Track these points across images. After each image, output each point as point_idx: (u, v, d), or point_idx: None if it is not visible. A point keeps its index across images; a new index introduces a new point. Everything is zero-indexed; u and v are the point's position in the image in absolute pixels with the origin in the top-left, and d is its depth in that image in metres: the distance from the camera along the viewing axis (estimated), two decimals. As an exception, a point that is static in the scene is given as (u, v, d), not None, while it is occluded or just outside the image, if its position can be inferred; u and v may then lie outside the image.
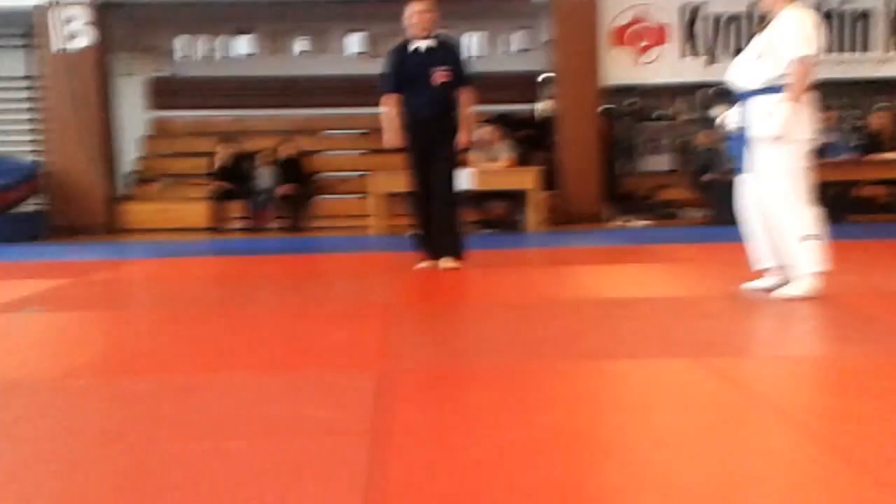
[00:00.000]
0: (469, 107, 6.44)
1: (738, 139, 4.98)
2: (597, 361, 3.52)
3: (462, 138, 6.40)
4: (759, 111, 4.79)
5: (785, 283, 4.90)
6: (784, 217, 4.81)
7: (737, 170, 5.10)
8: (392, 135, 6.42)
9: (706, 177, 11.77)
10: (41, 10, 11.29)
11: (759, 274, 5.08)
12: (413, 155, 6.45)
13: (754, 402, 2.90)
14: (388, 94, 6.46)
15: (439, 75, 6.30)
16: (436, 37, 6.43)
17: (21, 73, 13.07)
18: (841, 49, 11.88)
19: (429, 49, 6.37)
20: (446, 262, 6.41)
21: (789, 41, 4.68)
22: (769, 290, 4.95)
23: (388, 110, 6.44)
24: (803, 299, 4.71)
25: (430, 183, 6.41)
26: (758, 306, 4.75)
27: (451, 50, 6.49)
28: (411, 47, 6.41)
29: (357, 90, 7.38)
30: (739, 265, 6.00)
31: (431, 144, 6.36)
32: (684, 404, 2.92)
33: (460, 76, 6.39)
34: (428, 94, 6.32)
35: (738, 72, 4.97)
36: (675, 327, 4.24)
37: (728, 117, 5.12)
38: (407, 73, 6.37)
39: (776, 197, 4.81)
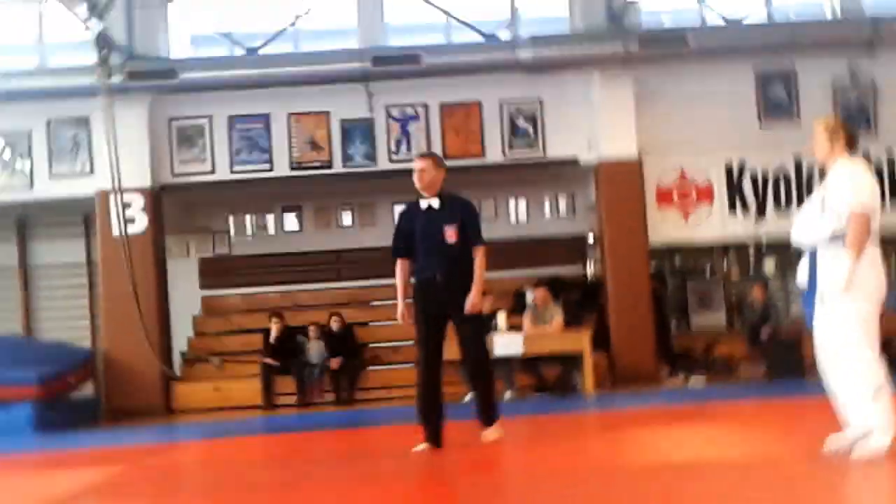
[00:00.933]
0: (481, 267, 5.99)
1: (809, 294, 4.86)
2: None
3: (471, 300, 5.88)
4: (824, 265, 4.72)
5: (861, 437, 4.66)
6: (854, 369, 4.63)
7: (809, 325, 4.94)
8: (404, 310, 6.03)
9: (762, 332, 11.58)
10: (100, 198, 11.68)
11: (835, 430, 4.84)
12: (423, 321, 5.99)
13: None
14: (396, 259, 6.14)
15: (448, 234, 5.94)
16: (445, 196, 6.09)
17: (80, 260, 13.44)
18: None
19: (437, 208, 6.04)
20: (489, 435, 5.98)
21: (843, 195, 4.66)
22: (848, 446, 4.70)
23: (398, 277, 6.12)
24: (881, 456, 4.47)
25: (460, 351, 6.04)
26: (836, 468, 4.51)
27: (459, 208, 6.11)
28: (423, 205, 6.11)
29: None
30: (803, 421, 5.79)
31: (445, 309, 5.93)
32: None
33: (472, 235, 6.02)
34: (437, 254, 5.94)
35: (801, 227, 4.92)
36: (763, 494, 4.00)
37: (799, 273, 5.01)
38: (414, 233, 6.03)
39: (845, 350, 4.66)
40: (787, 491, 4.10)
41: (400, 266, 6.13)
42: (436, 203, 6.05)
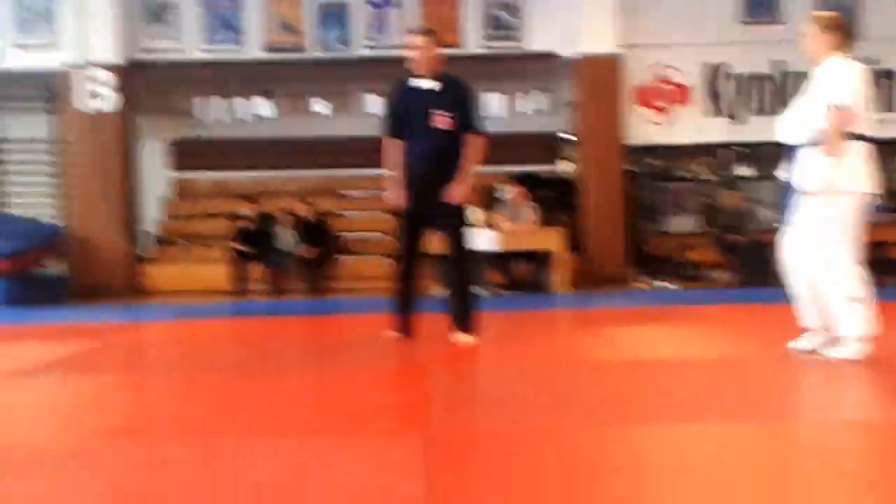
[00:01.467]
0: (472, 155, 5.59)
1: (787, 192, 4.82)
2: (651, 426, 3.33)
3: (455, 188, 5.54)
4: (805, 164, 4.66)
5: (829, 342, 4.70)
6: (830, 276, 4.62)
7: (782, 224, 4.92)
8: (394, 190, 5.68)
9: (733, 237, 11.64)
10: (64, 73, 11.37)
11: (802, 332, 4.88)
12: (409, 208, 5.65)
13: (824, 466, 2.73)
14: (386, 138, 5.74)
15: (439, 119, 5.55)
16: (442, 77, 5.67)
17: (43, 136, 13.13)
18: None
19: (431, 90, 5.63)
20: (461, 339, 5.59)
21: (827, 90, 4.57)
22: (813, 350, 4.76)
23: (387, 158, 5.72)
24: (852, 362, 4.51)
25: (444, 244, 5.71)
26: (805, 368, 4.56)
27: (457, 91, 5.65)
28: (412, 84, 5.70)
29: (378, 150, 7.24)
30: (775, 326, 5.84)
31: (432, 198, 5.57)
32: (752, 470, 2.73)
33: (466, 121, 5.60)
34: (428, 140, 5.56)
35: (787, 124, 4.84)
36: (726, 390, 4.06)
37: (779, 170, 4.95)
38: (405, 114, 5.64)
39: (822, 254, 4.64)
40: (756, 384, 4.14)
41: (392, 145, 5.71)
42: (433, 84, 5.62)
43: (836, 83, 4.58)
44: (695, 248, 12.53)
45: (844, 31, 4.78)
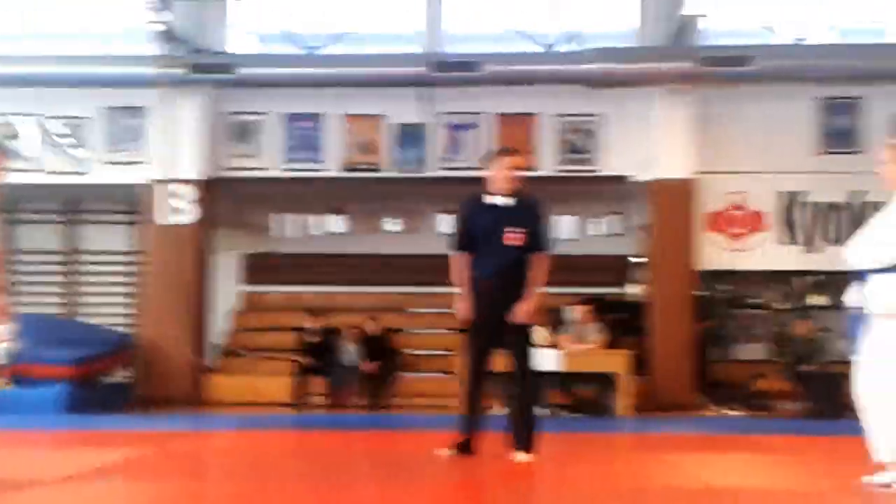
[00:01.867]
0: (539, 275, 5.63)
1: (856, 320, 4.69)
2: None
3: (521, 307, 5.54)
4: (877, 290, 4.55)
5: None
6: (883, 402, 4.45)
7: (853, 353, 4.76)
8: (463, 304, 5.68)
9: (804, 367, 11.31)
10: (148, 187, 11.79)
11: (879, 468, 4.65)
12: (476, 324, 5.67)
13: None
14: (456, 254, 5.78)
15: (512, 236, 5.59)
16: (517, 195, 5.76)
17: (124, 248, 13.56)
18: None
19: (506, 206, 5.70)
20: (520, 457, 5.52)
21: None
22: (889, 485, 4.52)
23: (456, 272, 5.74)
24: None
25: (508, 362, 5.66)
26: (879, 502, 4.34)
27: (530, 209, 5.72)
28: (487, 200, 5.77)
29: (445, 269, 7.34)
30: (847, 459, 5.61)
31: (499, 314, 5.56)
32: None
33: (537, 240, 5.66)
34: (499, 257, 5.59)
35: (856, 251, 4.76)
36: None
37: (847, 296, 4.84)
38: (478, 230, 5.67)
39: (889, 382, 4.47)
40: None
41: (461, 260, 5.76)
42: (508, 201, 5.70)
43: None
44: (764, 377, 12.19)
45: None
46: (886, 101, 11.45)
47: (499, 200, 5.73)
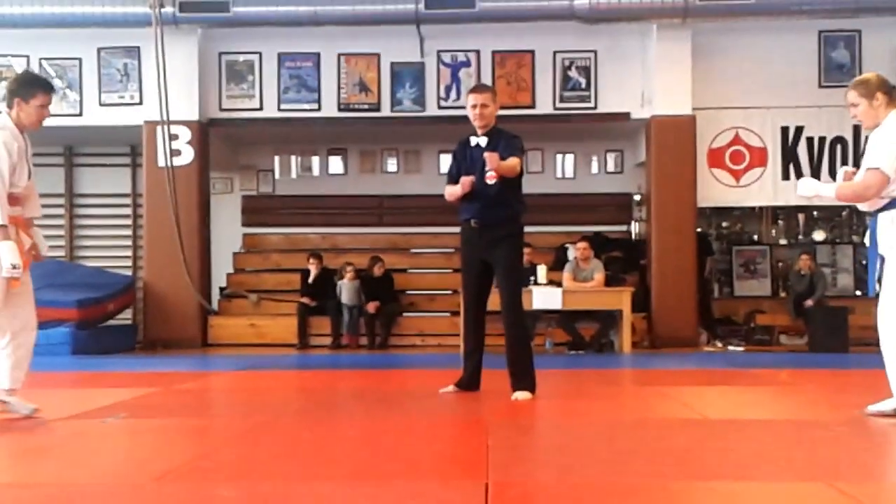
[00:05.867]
0: (509, 164, 5.56)
1: (871, 255, 4.68)
2: (716, 483, 3.22)
3: (492, 159, 5.49)
4: (881, 227, 4.54)
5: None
6: (891, 336, 4.46)
7: (871, 289, 4.76)
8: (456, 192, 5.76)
9: (806, 302, 11.37)
10: (143, 129, 11.70)
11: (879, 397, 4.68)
12: (468, 269, 5.86)
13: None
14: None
15: (490, 175, 5.60)
16: (489, 132, 5.80)
17: (118, 190, 13.52)
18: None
19: (480, 145, 5.75)
20: (521, 397, 5.57)
21: (873, 150, 4.49)
22: (893, 413, 4.56)
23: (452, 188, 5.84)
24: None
25: (501, 305, 5.74)
26: (881, 430, 4.38)
27: (500, 143, 5.71)
28: (472, 142, 5.84)
29: (447, 209, 7.35)
30: (849, 391, 5.66)
31: (488, 256, 5.73)
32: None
33: (506, 154, 5.61)
34: (480, 196, 5.67)
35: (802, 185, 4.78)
36: (795, 450, 3.91)
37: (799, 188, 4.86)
38: (463, 171, 5.79)
39: (886, 315, 4.49)
40: (827, 445, 3.98)
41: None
42: (482, 141, 5.77)
43: (884, 144, 4.50)
44: (766, 313, 12.26)
45: (884, 88, 4.66)
46: (886, 34, 11.30)
47: (477, 140, 5.81)
